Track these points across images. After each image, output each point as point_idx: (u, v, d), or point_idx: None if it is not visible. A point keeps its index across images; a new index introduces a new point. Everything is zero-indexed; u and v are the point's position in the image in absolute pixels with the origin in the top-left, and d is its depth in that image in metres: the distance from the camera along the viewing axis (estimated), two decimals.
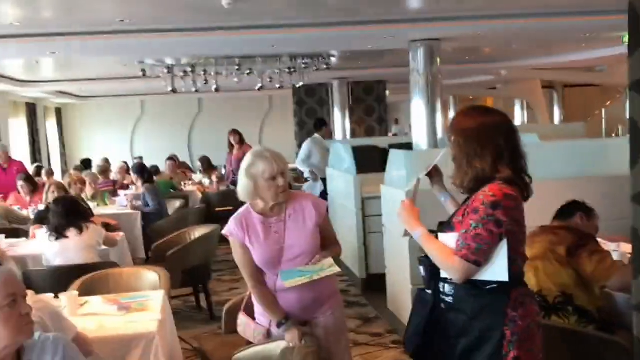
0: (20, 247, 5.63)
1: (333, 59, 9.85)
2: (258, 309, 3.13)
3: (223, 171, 12.23)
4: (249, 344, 3.24)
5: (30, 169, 10.70)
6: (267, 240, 2.99)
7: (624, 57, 8.70)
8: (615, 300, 3.40)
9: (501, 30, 7.44)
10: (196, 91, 9.97)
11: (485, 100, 23.75)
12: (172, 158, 12.23)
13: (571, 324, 3.24)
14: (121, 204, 8.00)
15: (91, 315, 3.36)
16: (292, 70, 9.64)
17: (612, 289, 3.32)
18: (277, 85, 10.09)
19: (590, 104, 19.00)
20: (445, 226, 2.55)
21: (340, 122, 12.84)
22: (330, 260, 3.03)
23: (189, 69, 9.39)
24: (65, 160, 15.50)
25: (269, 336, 3.10)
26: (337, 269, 3.04)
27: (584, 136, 8.12)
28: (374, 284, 6.30)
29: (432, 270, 3.94)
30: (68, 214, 5.02)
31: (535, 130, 11.47)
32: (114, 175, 10.40)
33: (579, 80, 15.78)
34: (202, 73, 9.42)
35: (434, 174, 2.83)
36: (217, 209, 9.51)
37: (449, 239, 2.47)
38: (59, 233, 4.97)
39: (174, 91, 9.68)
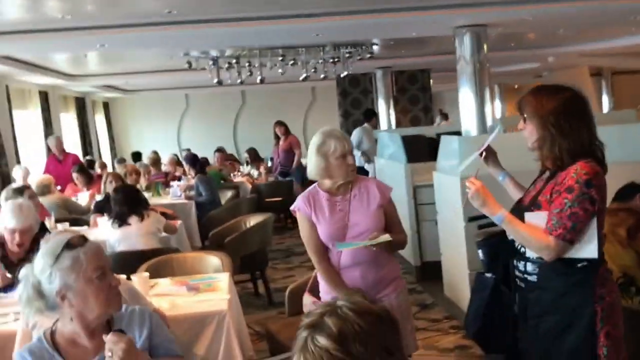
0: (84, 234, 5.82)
1: (376, 48, 9.86)
2: (323, 287, 3.23)
3: (269, 163, 12.38)
4: None
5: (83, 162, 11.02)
6: (332, 216, 3.09)
7: None
8: None
9: (549, 14, 7.35)
10: (241, 82, 10.08)
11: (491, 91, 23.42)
12: (220, 150, 12.47)
13: (634, 305, 3.25)
14: (175, 195, 8.21)
15: (163, 296, 3.50)
16: (336, 60, 9.68)
17: None
18: (322, 76, 10.13)
19: (638, 91, 18.60)
20: (531, 204, 2.53)
21: (385, 111, 12.81)
22: (385, 236, 3.05)
23: (233, 61, 9.50)
24: (114, 154, 15.84)
25: None
26: (388, 237, 3.01)
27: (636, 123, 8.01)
28: (429, 272, 6.35)
29: (492, 254, 4.01)
30: (129, 202, 5.21)
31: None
32: (164, 167, 10.62)
33: (630, 66, 15.44)
34: (247, 64, 9.51)
35: (488, 154, 2.85)
36: (266, 200, 9.70)
37: (538, 217, 2.46)
38: (121, 220, 5.16)
39: (219, 83, 9.80)
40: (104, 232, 5.30)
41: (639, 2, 6.66)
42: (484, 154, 2.78)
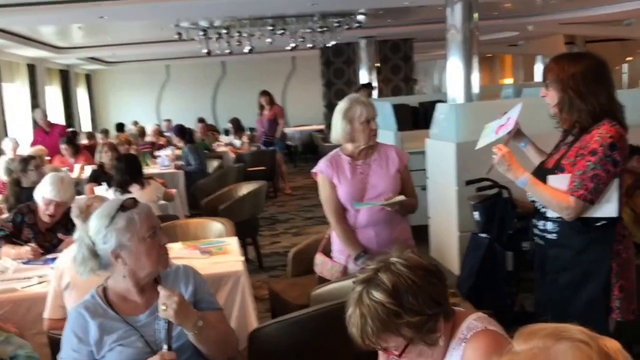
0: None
1: (363, 17, 9.92)
2: (336, 246, 3.37)
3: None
4: (320, 283, 3.48)
5: None
6: (353, 179, 3.25)
7: None
8: None
9: None
10: (230, 53, 10.09)
11: (504, 58, 23.62)
12: (203, 120, 12.47)
13: None
14: (163, 164, 8.27)
15: (177, 259, 3.58)
16: (325, 29, 9.73)
17: None
18: (309, 45, 10.18)
19: (611, 59, 18.77)
20: (555, 167, 2.62)
21: (367, 81, 12.88)
22: (401, 197, 3.22)
23: (223, 31, 9.51)
24: (95, 125, 15.76)
25: (345, 273, 3.34)
26: (403, 198, 3.20)
27: None
28: (416, 235, 6.49)
29: (487, 215, 4.18)
30: (131, 170, 5.28)
31: None
32: (148, 137, 10.63)
33: (606, 34, 15.66)
34: (237, 34, 9.53)
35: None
36: (249, 169, 9.77)
37: (561, 180, 2.55)
38: (122, 188, 5.22)
39: (208, 53, 9.82)
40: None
41: None
42: (512, 133, 2.77)
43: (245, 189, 6.47)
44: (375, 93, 12.73)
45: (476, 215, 4.31)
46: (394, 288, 1.61)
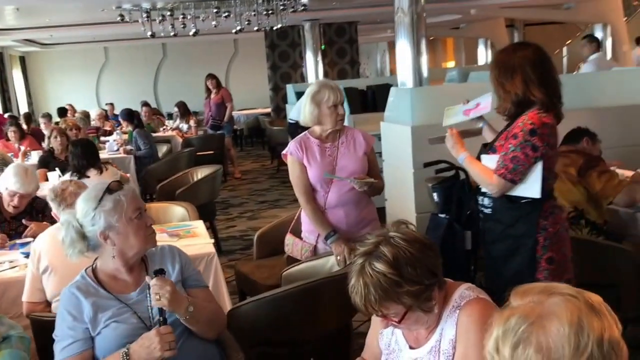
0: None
1: (303, 0, 9.90)
2: (306, 227, 3.46)
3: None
4: (289, 264, 3.54)
5: None
6: (322, 160, 3.33)
7: None
8: (620, 215, 3.81)
9: None
10: (175, 35, 9.94)
11: (445, 41, 23.99)
12: (147, 104, 12.27)
13: (583, 235, 3.64)
14: (111, 149, 8.14)
15: None
16: (270, 12, 9.69)
17: (619, 204, 3.73)
18: (255, 28, 10.13)
19: (550, 42, 19.31)
20: (489, 148, 2.89)
21: (313, 64, 12.92)
22: (370, 179, 3.35)
23: (167, 13, 9.35)
24: (32, 109, 15.26)
25: (315, 252, 3.42)
26: (372, 179, 3.34)
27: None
28: None
29: (445, 196, 4.32)
30: (87, 155, 5.19)
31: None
32: (93, 122, 10.41)
33: (547, 17, 16.10)
34: (181, 17, 9.39)
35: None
36: (198, 153, 9.70)
37: (491, 160, 2.80)
38: (80, 173, 5.13)
39: (152, 36, 9.65)
40: None
41: None
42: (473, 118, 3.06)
43: (200, 173, 6.45)
44: (318, 76, 12.81)
45: (435, 196, 4.44)
46: (394, 259, 1.72)
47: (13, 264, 3.46)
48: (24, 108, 15.14)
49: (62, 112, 12.33)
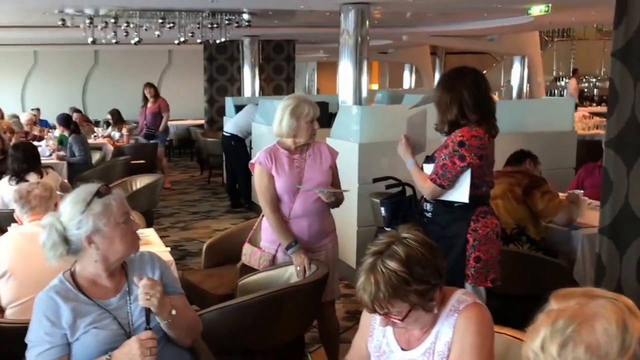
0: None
1: (246, 16, 9.99)
2: (267, 236, 3.53)
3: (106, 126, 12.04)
4: (243, 274, 3.60)
5: None
6: (290, 171, 3.43)
7: (519, 28, 9.76)
8: (555, 233, 4.08)
9: None
10: (116, 43, 9.79)
11: (371, 64, 24.56)
12: (79, 111, 11.99)
13: (524, 250, 3.88)
14: (44, 154, 7.91)
15: None
16: (215, 26, 9.72)
17: (559, 222, 4.01)
18: (198, 40, 10.13)
19: None
20: (429, 158, 3.28)
21: (250, 79, 12.97)
22: (338, 190, 3.55)
23: (111, 21, 9.22)
24: None
25: (273, 262, 3.49)
26: (341, 190, 3.58)
27: None
28: None
29: (393, 211, 4.50)
30: (28, 159, 5.09)
31: (424, 92, 12.28)
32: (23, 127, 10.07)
33: (472, 47, 16.82)
34: (125, 25, 9.27)
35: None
36: (131, 162, 9.56)
37: (429, 168, 3.22)
38: (19, 177, 5.02)
39: (93, 42, 9.48)
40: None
41: None
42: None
43: (139, 182, 6.41)
44: (255, 91, 12.89)
45: (383, 210, 4.60)
46: (407, 258, 1.84)
47: None
48: None
49: None
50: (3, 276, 2.93)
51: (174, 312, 2.18)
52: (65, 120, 8.30)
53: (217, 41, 10.65)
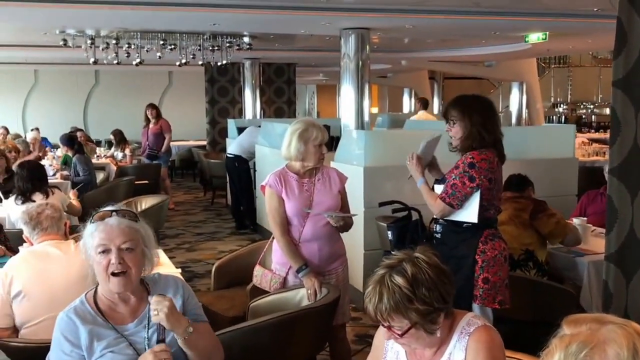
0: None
1: (247, 39, 10.12)
2: (277, 259, 3.56)
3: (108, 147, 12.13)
4: (253, 296, 3.63)
5: None
6: (300, 195, 3.47)
7: (516, 54, 9.99)
8: (560, 259, 4.13)
9: (427, 25, 8.10)
10: (118, 63, 9.89)
11: (371, 88, 24.72)
12: (81, 130, 12.04)
13: (531, 276, 3.92)
14: (47, 174, 7.94)
15: None
16: (216, 48, 9.84)
17: (567, 244, 4.07)
18: (200, 62, 10.24)
19: None
20: (440, 179, 3.41)
21: (251, 102, 13.10)
22: (347, 214, 3.59)
23: (112, 41, 9.33)
24: None
25: (284, 285, 3.52)
26: (349, 214, 3.61)
27: None
28: None
29: (399, 234, 4.54)
30: (34, 179, 5.13)
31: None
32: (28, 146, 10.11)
33: (469, 73, 17.00)
34: (126, 46, 9.38)
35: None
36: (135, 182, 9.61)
37: (440, 188, 3.34)
38: (25, 197, 5.05)
39: (95, 62, 9.59)
40: (6, 208, 5.14)
41: (503, 20, 7.57)
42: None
43: (145, 202, 6.44)
44: (256, 113, 12.99)
45: (389, 234, 4.64)
46: (413, 277, 1.90)
47: None
48: None
49: None
50: (17, 296, 2.94)
51: (190, 329, 2.19)
52: (69, 140, 8.35)
53: (219, 63, 10.76)
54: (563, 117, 19.21)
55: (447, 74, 19.90)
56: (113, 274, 2.18)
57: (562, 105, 20.06)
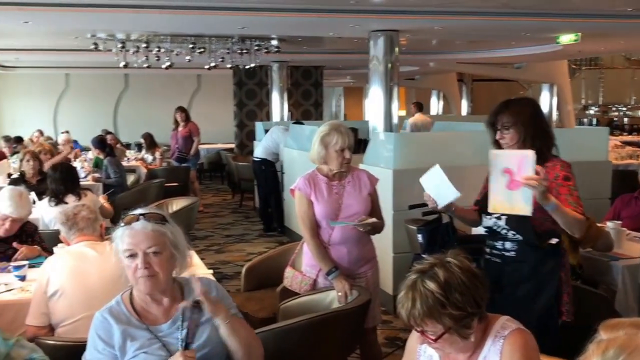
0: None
1: (275, 42, 10.16)
2: (307, 261, 3.56)
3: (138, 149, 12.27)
4: (283, 298, 3.63)
5: None
6: (329, 198, 3.46)
7: (547, 56, 9.80)
8: (594, 262, 4.05)
9: (455, 26, 8.06)
10: (148, 67, 10.01)
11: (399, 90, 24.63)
12: (111, 133, 12.19)
13: None
14: (79, 176, 8.05)
15: None
16: (245, 51, 9.90)
17: (598, 249, 3.98)
18: (228, 66, 10.31)
19: (495, 97, 20.01)
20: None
21: (279, 104, 13.13)
22: (373, 219, 3.50)
23: (143, 45, 9.44)
24: None
25: (314, 287, 3.52)
26: (374, 219, 3.49)
27: None
28: None
29: (430, 238, 4.50)
30: (66, 181, 5.17)
31: (453, 119, 12.29)
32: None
33: (498, 75, 16.85)
34: (156, 49, 9.50)
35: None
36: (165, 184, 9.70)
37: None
38: (58, 199, 5.11)
39: (125, 66, 9.71)
40: (40, 209, 5.21)
41: (534, 21, 7.50)
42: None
43: (176, 204, 6.49)
44: (283, 116, 13.03)
45: (420, 237, 4.61)
46: (445, 283, 1.88)
47: (8, 286, 3.44)
48: None
49: (17, 140, 12.07)
50: (54, 295, 2.99)
51: (233, 310, 2.27)
52: (100, 142, 8.47)
53: (247, 66, 10.81)
54: (594, 119, 18.93)
55: (476, 75, 19.76)
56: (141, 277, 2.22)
57: (593, 108, 19.76)
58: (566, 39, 9.30)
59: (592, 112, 19.73)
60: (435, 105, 20.69)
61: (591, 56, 17.48)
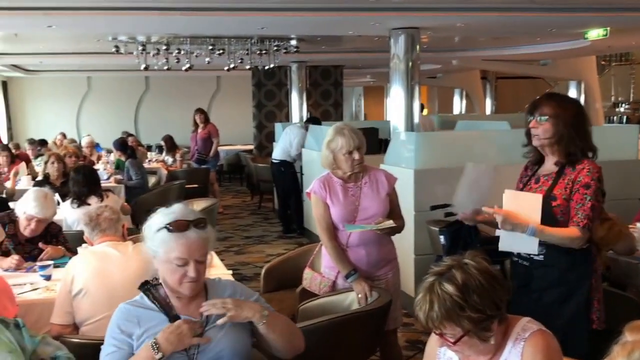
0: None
1: (294, 42, 10.15)
2: (326, 262, 3.51)
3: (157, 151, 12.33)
4: (302, 299, 3.59)
5: None
6: (345, 200, 3.41)
7: (574, 52, 9.50)
8: (621, 264, 3.95)
9: (477, 22, 7.94)
10: (168, 69, 10.05)
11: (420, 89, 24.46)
12: (132, 135, 12.26)
13: None
14: (102, 178, 8.10)
15: None
16: (264, 52, 9.89)
17: (619, 251, 3.87)
18: (247, 67, 10.31)
19: (520, 96, 19.83)
20: (545, 197, 2.81)
21: (298, 105, 13.09)
22: (390, 222, 3.41)
23: (163, 47, 9.48)
24: (10, 135, 15.08)
25: (333, 288, 3.47)
26: (392, 223, 3.37)
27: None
28: None
29: (452, 239, 4.42)
30: (89, 182, 5.21)
31: (476, 118, 12.12)
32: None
33: (524, 72, 16.58)
34: (176, 51, 9.54)
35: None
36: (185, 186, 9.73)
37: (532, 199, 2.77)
38: (80, 200, 5.14)
39: (146, 68, 9.77)
40: (63, 211, 5.23)
41: (560, 16, 7.35)
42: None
43: (196, 205, 6.47)
44: (303, 116, 12.98)
45: (442, 239, 4.53)
46: (463, 285, 1.84)
47: (34, 285, 3.51)
48: (2, 133, 14.96)
49: (42, 142, 12.21)
50: (78, 294, 3.02)
51: (266, 312, 2.25)
52: (122, 145, 8.52)
53: (266, 67, 10.81)
54: (625, 117, 18.54)
55: (500, 73, 19.45)
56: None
57: (623, 105, 19.35)
58: (594, 34, 9.08)
59: (622, 109, 19.29)
60: (458, 104, 20.50)
61: (621, 51, 17.16)
